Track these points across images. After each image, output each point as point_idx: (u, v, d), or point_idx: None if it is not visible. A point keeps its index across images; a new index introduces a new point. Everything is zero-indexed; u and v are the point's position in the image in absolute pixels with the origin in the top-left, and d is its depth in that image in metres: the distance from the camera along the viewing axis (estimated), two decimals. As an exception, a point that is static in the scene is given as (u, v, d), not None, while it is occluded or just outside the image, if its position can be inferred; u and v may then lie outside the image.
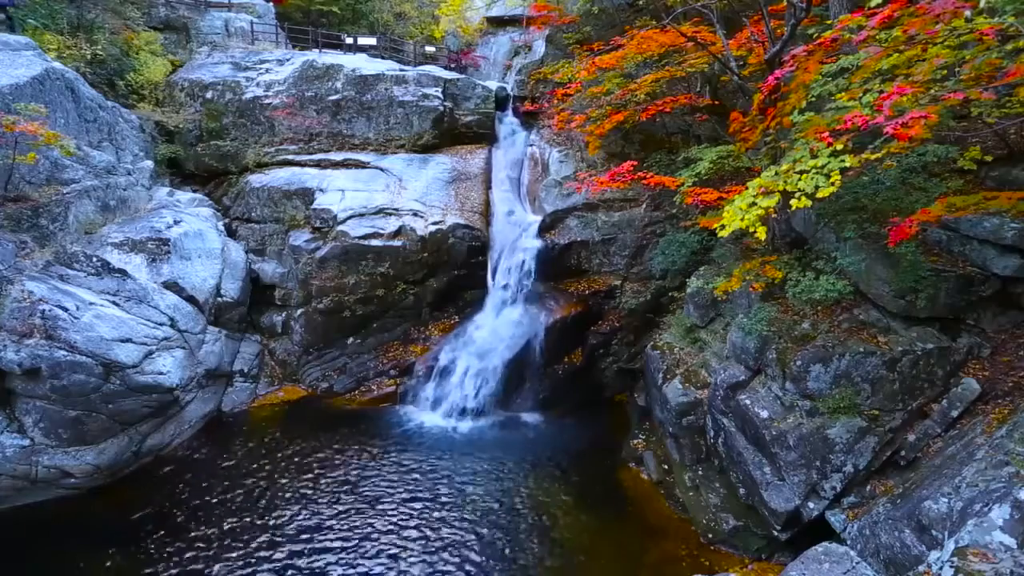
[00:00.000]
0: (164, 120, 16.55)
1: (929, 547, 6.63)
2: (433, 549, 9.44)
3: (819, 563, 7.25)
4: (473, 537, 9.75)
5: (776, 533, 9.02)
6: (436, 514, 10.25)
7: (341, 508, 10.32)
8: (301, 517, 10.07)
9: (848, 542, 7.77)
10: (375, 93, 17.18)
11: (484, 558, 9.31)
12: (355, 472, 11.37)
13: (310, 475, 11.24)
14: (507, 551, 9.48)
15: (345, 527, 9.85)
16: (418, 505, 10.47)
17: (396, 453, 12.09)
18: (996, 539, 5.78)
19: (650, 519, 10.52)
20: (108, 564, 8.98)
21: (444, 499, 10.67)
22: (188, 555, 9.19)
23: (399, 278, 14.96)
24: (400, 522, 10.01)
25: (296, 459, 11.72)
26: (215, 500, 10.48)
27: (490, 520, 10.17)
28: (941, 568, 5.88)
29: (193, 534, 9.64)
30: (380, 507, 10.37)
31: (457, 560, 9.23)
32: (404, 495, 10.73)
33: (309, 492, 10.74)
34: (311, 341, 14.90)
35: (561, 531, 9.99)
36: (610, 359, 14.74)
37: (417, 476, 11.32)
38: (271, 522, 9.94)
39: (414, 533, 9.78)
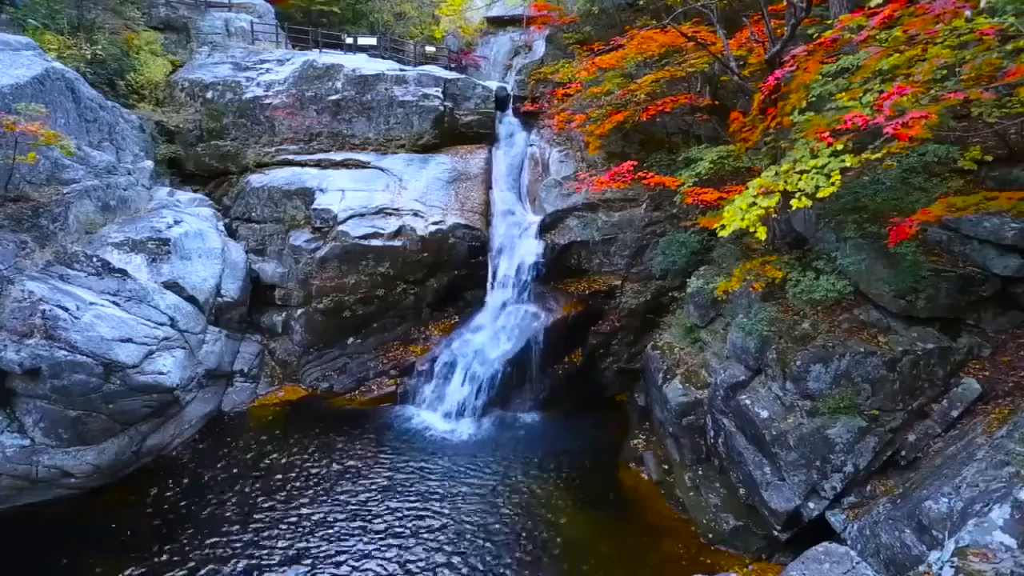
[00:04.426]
0: (164, 120, 16.54)
1: (929, 547, 6.63)
2: (433, 549, 9.45)
3: (819, 563, 7.25)
4: (472, 537, 9.75)
5: (776, 533, 9.03)
6: (436, 514, 10.25)
7: (341, 508, 10.32)
8: (301, 517, 10.07)
9: (848, 542, 7.78)
10: (375, 93, 17.17)
11: (484, 558, 9.31)
12: (355, 472, 11.37)
13: (310, 475, 11.24)
14: (507, 551, 9.48)
15: (345, 527, 9.86)
16: (418, 505, 10.47)
17: (396, 453, 12.09)
18: (996, 539, 5.78)
19: (650, 519, 10.52)
20: (108, 565, 8.97)
21: (444, 499, 10.66)
22: (187, 555, 9.19)
23: (399, 278, 14.96)
24: (400, 522, 10.02)
25: (296, 459, 11.72)
26: (215, 500, 10.49)
27: (489, 520, 10.17)
28: (941, 568, 5.88)
29: (193, 534, 9.64)
30: (380, 507, 10.37)
31: (457, 560, 9.24)
32: (404, 495, 10.73)
33: (309, 492, 10.74)
34: (311, 341, 14.91)
35: (561, 531, 9.99)
36: (610, 359, 14.74)
37: (417, 476, 11.32)
38: (271, 522, 9.94)
39: (414, 533, 9.78)
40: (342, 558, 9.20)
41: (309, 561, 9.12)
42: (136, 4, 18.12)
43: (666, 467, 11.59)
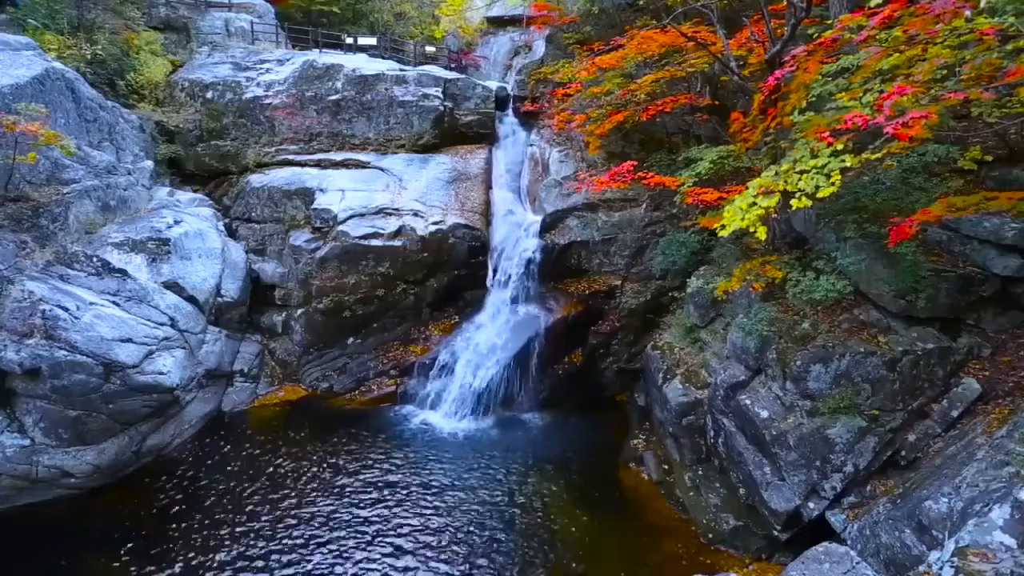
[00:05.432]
0: (164, 120, 16.54)
1: (929, 547, 6.63)
2: (433, 550, 9.44)
3: (819, 563, 7.25)
4: (473, 538, 9.75)
5: (776, 533, 9.03)
6: (435, 514, 10.25)
7: (341, 509, 10.31)
8: (301, 517, 10.07)
9: (848, 542, 7.78)
10: (375, 93, 17.17)
11: (484, 559, 9.31)
12: (355, 472, 11.36)
13: (310, 475, 11.24)
14: (507, 552, 9.48)
15: (345, 527, 9.86)
16: (417, 504, 10.46)
17: (396, 453, 12.09)
18: (996, 539, 5.78)
19: (650, 519, 10.52)
20: (108, 564, 8.98)
21: (444, 499, 10.66)
22: (187, 555, 9.19)
23: (399, 278, 14.96)
24: (400, 523, 10.01)
25: (296, 459, 11.72)
26: (215, 500, 10.48)
27: (490, 520, 10.17)
28: (941, 568, 5.88)
29: (192, 534, 9.64)
30: (380, 508, 10.37)
31: (457, 561, 9.24)
32: (404, 495, 10.72)
33: (309, 492, 10.74)
34: (311, 341, 14.91)
35: (562, 531, 9.99)
36: (610, 359, 14.74)
37: (417, 476, 11.31)
38: (271, 522, 9.94)
39: (414, 534, 9.78)
40: (341, 558, 9.19)
41: (309, 561, 9.11)
42: (136, 4, 18.12)
43: (666, 467, 11.59)
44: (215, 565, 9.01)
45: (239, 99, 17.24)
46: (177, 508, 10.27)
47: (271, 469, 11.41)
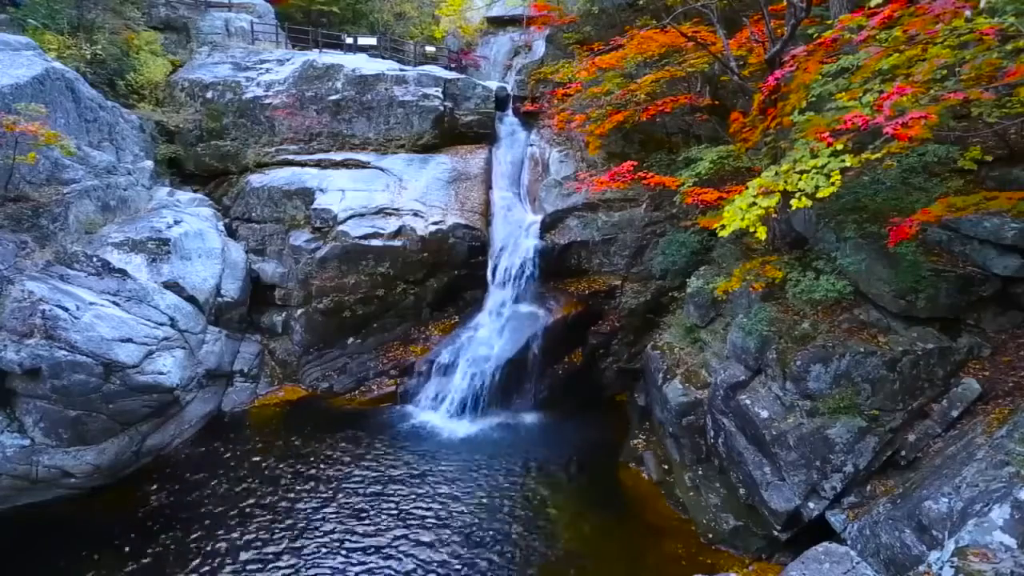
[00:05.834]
0: (164, 120, 16.54)
1: (929, 547, 6.63)
2: (432, 550, 9.44)
3: (819, 563, 7.25)
4: (472, 538, 9.74)
5: (776, 533, 9.03)
6: (434, 514, 10.24)
7: (340, 508, 10.32)
8: (301, 518, 10.07)
9: (848, 542, 7.78)
10: (375, 93, 17.17)
11: (484, 558, 9.31)
12: (354, 472, 11.36)
13: (309, 475, 11.23)
14: (507, 552, 9.48)
15: (345, 527, 9.86)
16: (417, 505, 10.46)
17: (396, 453, 12.09)
18: (996, 539, 5.78)
19: (650, 519, 10.52)
20: (107, 565, 8.97)
21: (443, 499, 10.66)
22: (187, 555, 9.19)
23: (399, 278, 14.97)
24: (400, 523, 10.01)
25: (296, 459, 11.72)
26: (215, 500, 10.48)
27: (489, 521, 10.16)
28: (941, 568, 5.88)
29: (192, 535, 9.64)
30: (379, 507, 10.36)
31: (457, 560, 9.24)
32: (404, 495, 10.72)
33: (309, 492, 10.74)
34: (311, 341, 14.91)
35: (561, 531, 9.98)
36: (610, 359, 14.74)
37: (417, 476, 11.31)
38: (269, 522, 9.94)
39: (414, 533, 9.78)
40: (341, 558, 9.19)
41: (309, 561, 9.11)
42: (136, 4, 18.12)
43: (666, 467, 11.59)
44: (214, 565, 9.00)
45: (239, 99, 17.24)
46: (177, 508, 10.26)
47: (270, 469, 11.40)
